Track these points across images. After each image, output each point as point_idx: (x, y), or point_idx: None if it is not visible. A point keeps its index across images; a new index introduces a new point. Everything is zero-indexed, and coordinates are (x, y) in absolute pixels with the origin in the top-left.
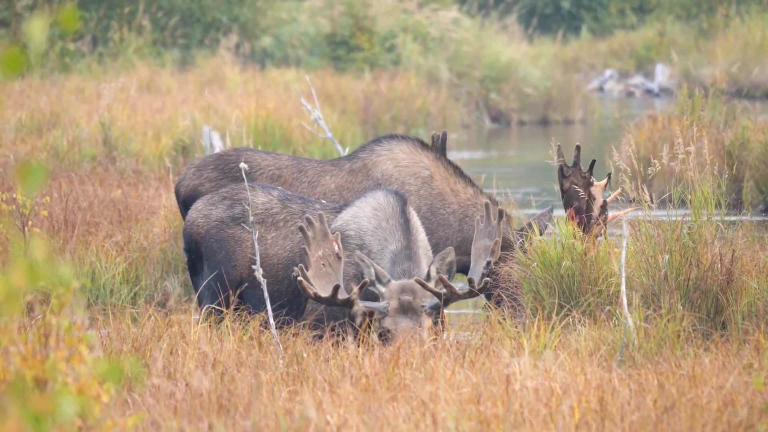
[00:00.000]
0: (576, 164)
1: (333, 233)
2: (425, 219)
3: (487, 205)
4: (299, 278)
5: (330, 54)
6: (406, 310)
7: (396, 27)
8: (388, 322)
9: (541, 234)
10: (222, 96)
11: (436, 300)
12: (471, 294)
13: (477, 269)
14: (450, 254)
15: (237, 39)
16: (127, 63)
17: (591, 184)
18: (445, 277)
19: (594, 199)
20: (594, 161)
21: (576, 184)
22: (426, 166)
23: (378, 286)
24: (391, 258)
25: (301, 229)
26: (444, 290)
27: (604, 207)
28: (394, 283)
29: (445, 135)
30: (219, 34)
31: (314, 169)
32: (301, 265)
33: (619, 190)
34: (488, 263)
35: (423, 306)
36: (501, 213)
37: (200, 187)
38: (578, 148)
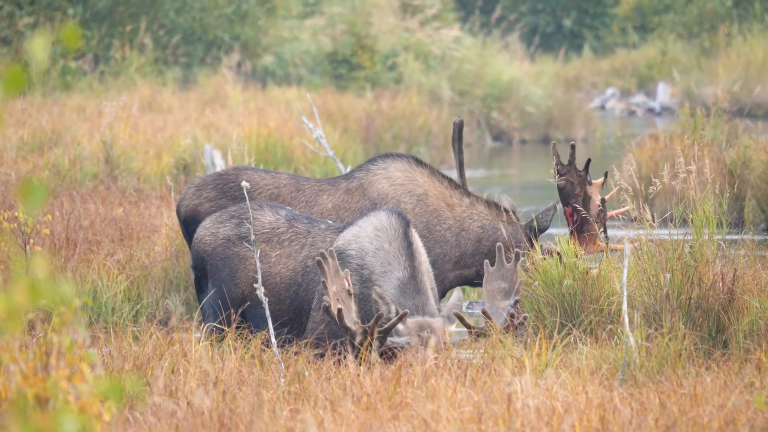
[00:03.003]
0: (571, 163)
1: (341, 267)
2: (422, 237)
3: (498, 247)
4: (339, 308)
5: (331, 72)
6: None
7: (398, 45)
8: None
9: (544, 230)
10: (223, 114)
11: (458, 337)
12: (508, 331)
13: (494, 309)
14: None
15: (239, 57)
16: (128, 81)
17: (588, 182)
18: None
19: (590, 197)
20: (589, 160)
21: (572, 183)
22: (420, 183)
23: (382, 327)
24: (398, 287)
25: (318, 263)
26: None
27: (602, 205)
28: (412, 320)
29: (461, 123)
30: (221, 53)
31: (312, 188)
32: (326, 297)
33: (627, 207)
34: (516, 301)
35: (444, 343)
36: (517, 255)
37: (200, 206)
38: (573, 146)
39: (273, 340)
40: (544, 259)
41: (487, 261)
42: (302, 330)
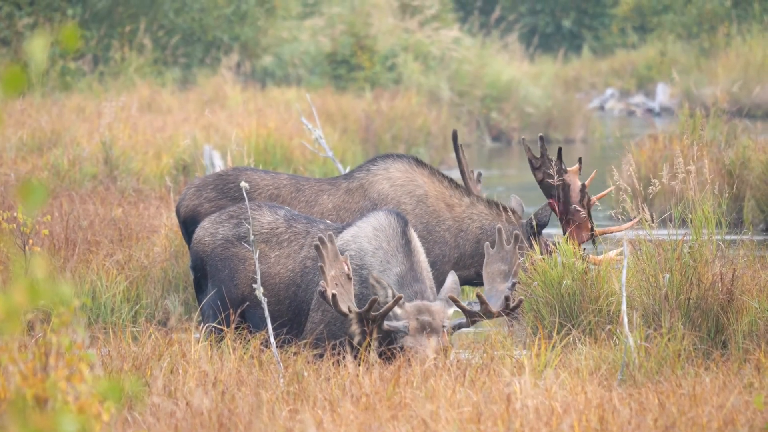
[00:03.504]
0: (543, 155)
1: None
2: (422, 238)
3: (498, 230)
4: (333, 292)
5: (331, 73)
6: (426, 330)
7: (397, 46)
8: (409, 342)
9: (544, 226)
10: (223, 115)
11: (457, 320)
12: (503, 313)
13: (493, 292)
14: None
15: (238, 58)
16: (128, 82)
17: (563, 171)
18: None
19: (569, 185)
20: (560, 149)
21: (549, 174)
22: (420, 184)
23: (377, 311)
24: (397, 281)
25: (316, 247)
26: (476, 309)
27: (583, 190)
28: (410, 304)
29: (455, 133)
30: (220, 53)
31: (312, 188)
32: (323, 282)
33: (609, 189)
34: (514, 284)
35: (444, 326)
36: (516, 237)
37: (199, 207)
38: (542, 138)
39: (272, 340)
40: (543, 259)
41: (487, 243)
42: (301, 330)
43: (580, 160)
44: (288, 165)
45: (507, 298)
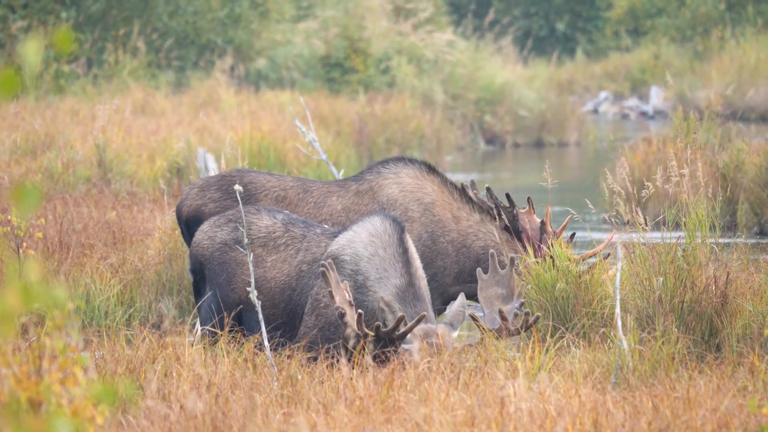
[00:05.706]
0: (497, 204)
1: (328, 259)
2: (426, 247)
3: (491, 254)
4: (360, 311)
5: (325, 76)
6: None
7: (391, 49)
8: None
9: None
10: (217, 118)
11: (467, 341)
12: (519, 331)
13: (494, 315)
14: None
15: (232, 61)
16: (121, 85)
17: (515, 215)
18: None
19: (524, 227)
20: (507, 194)
21: (509, 219)
22: (429, 192)
23: (402, 329)
24: (396, 294)
25: (323, 274)
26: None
27: (543, 226)
28: (418, 328)
29: (473, 183)
30: (214, 56)
31: (320, 189)
32: (338, 305)
33: (570, 216)
34: (522, 303)
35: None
36: (512, 260)
37: (203, 207)
38: (488, 189)
39: (266, 343)
40: (537, 263)
41: (479, 269)
42: (295, 334)
43: (529, 200)
44: (282, 168)
45: (527, 314)
